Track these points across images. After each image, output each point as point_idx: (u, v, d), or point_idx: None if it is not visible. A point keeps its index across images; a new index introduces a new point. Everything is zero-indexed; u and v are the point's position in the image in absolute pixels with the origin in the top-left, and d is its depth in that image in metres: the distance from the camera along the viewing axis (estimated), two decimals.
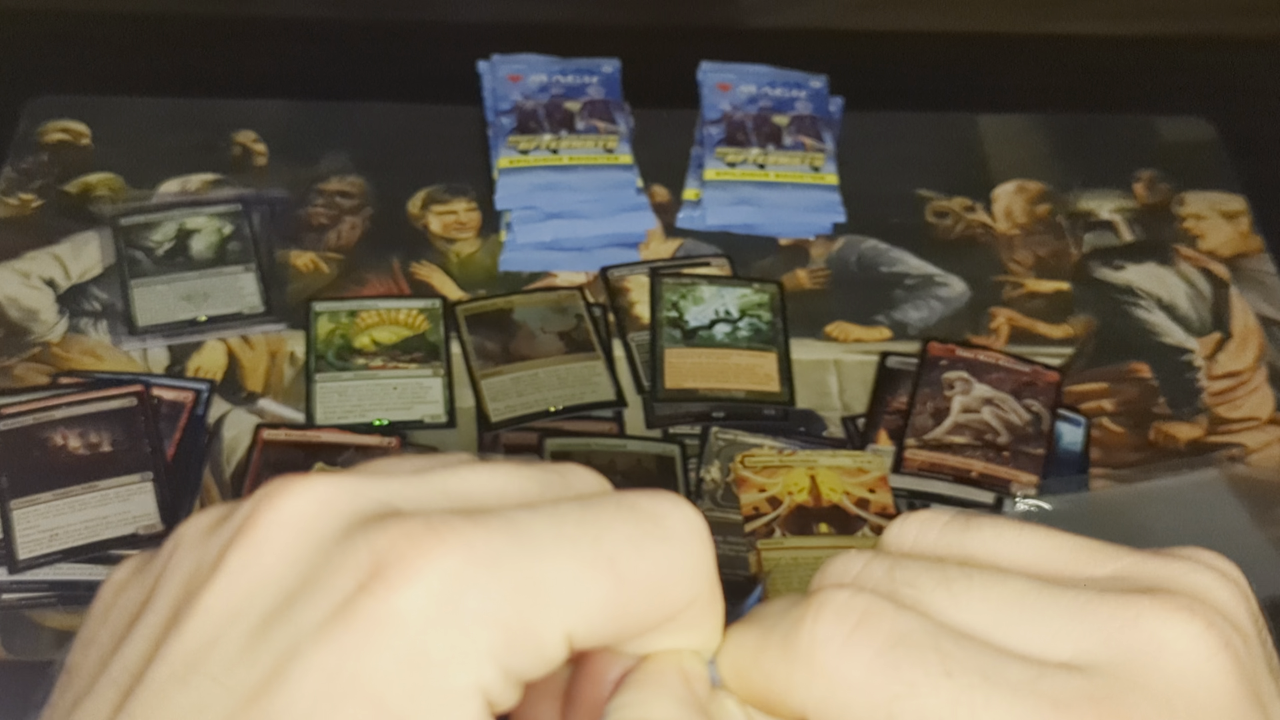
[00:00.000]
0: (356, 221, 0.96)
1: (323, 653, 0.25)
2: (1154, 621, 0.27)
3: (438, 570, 0.25)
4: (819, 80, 1.04)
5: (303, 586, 0.26)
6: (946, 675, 0.25)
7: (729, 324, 0.90)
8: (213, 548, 0.27)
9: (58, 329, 0.89)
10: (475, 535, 0.26)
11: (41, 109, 1.02)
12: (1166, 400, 0.89)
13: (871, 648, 0.26)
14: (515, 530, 0.26)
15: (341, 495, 0.27)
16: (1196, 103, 1.07)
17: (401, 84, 1.06)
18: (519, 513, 0.27)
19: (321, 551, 0.26)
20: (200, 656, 0.26)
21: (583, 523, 0.27)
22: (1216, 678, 0.26)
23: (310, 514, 0.27)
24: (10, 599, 0.76)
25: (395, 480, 0.28)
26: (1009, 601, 0.27)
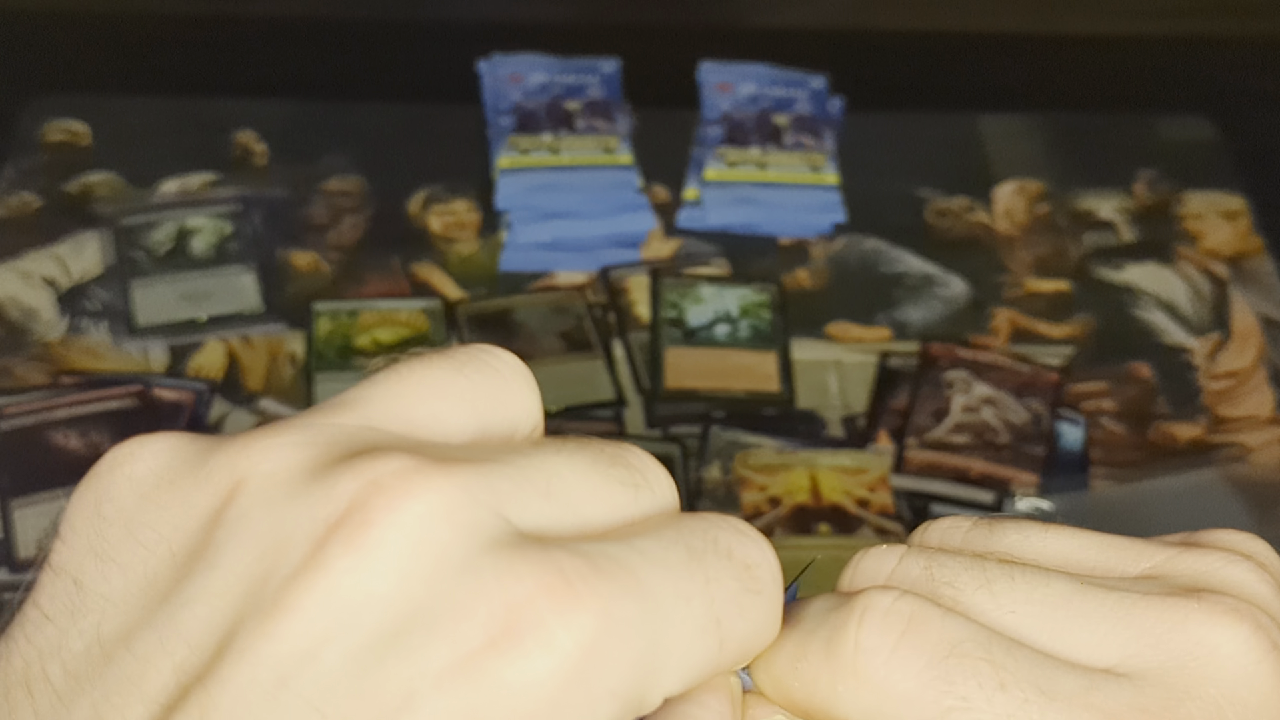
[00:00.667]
0: (356, 221, 0.96)
1: (442, 705, 0.22)
2: (1201, 627, 0.26)
3: (575, 638, 0.22)
4: (819, 80, 1.04)
5: (419, 619, 0.23)
6: (1001, 688, 0.25)
7: (729, 324, 0.90)
8: (304, 524, 0.23)
9: (58, 329, 0.89)
10: (612, 598, 0.23)
11: (41, 109, 1.02)
12: (1166, 400, 0.89)
13: (922, 658, 0.25)
14: (643, 591, 0.24)
15: (468, 506, 0.24)
16: (1196, 103, 1.07)
17: (401, 84, 1.06)
18: (641, 563, 0.24)
19: (444, 579, 0.23)
20: (293, 669, 0.22)
21: (694, 577, 0.25)
22: (1267, 681, 0.25)
23: (433, 525, 0.23)
24: (10, 599, 0.76)
25: (512, 483, 0.25)
26: (1052, 604, 0.26)
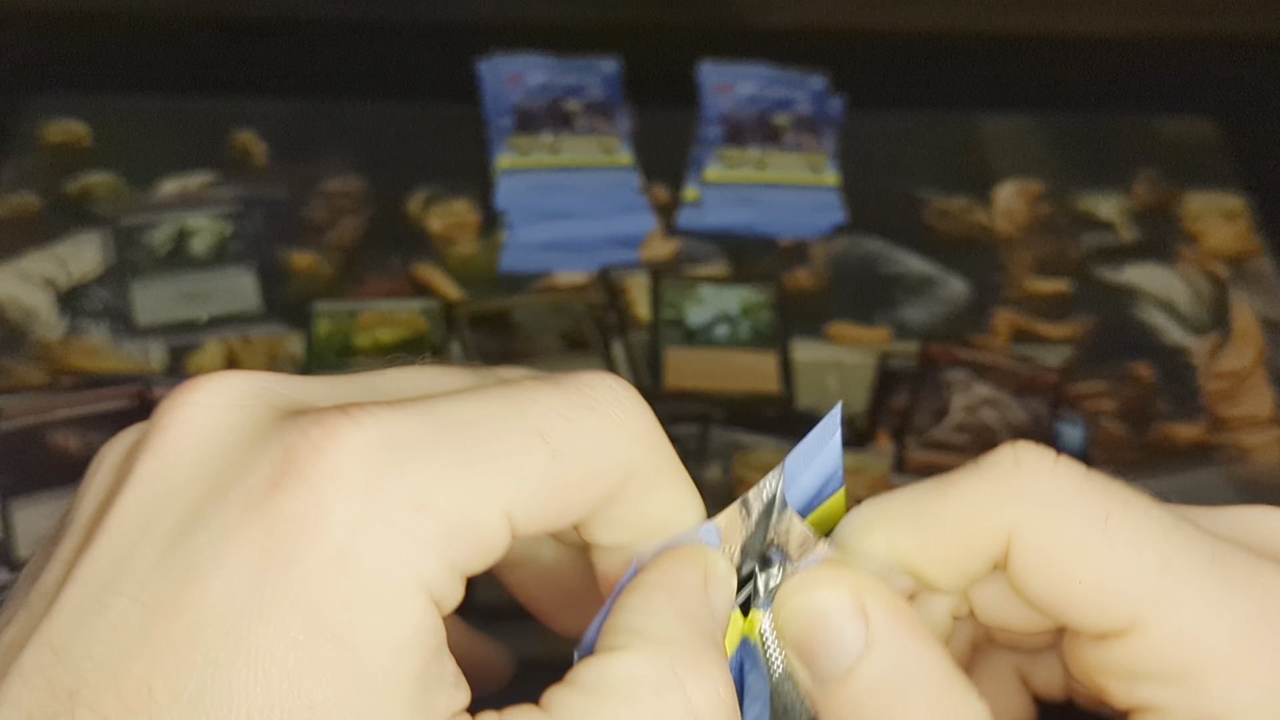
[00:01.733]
0: (356, 221, 0.96)
1: (238, 559, 0.23)
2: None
3: (356, 459, 0.23)
4: (819, 80, 1.04)
5: (216, 492, 0.24)
6: (1160, 505, 0.26)
7: (729, 324, 0.90)
8: (119, 451, 0.26)
9: (57, 329, 0.89)
10: (394, 420, 0.24)
11: (41, 109, 1.02)
12: (1166, 400, 0.89)
13: (1079, 474, 0.27)
14: (436, 411, 0.25)
15: (253, 389, 0.25)
16: (1197, 102, 1.07)
17: (401, 84, 1.06)
18: (442, 397, 0.25)
19: (234, 451, 0.24)
20: (114, 573, 0.24)
21: (507, 399, 0.25)
22: None
23: (220, 410, 0.25)
24: None
25: (314, 379, 0.26)
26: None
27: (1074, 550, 0.26)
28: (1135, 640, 0.26)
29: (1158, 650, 0.26)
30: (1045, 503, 0.27)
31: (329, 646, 0.23)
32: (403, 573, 0.23)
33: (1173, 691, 0.26)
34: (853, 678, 0.26)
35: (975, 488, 0.28)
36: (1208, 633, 0.25)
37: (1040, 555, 0.26)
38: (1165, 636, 0.26)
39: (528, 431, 0.25)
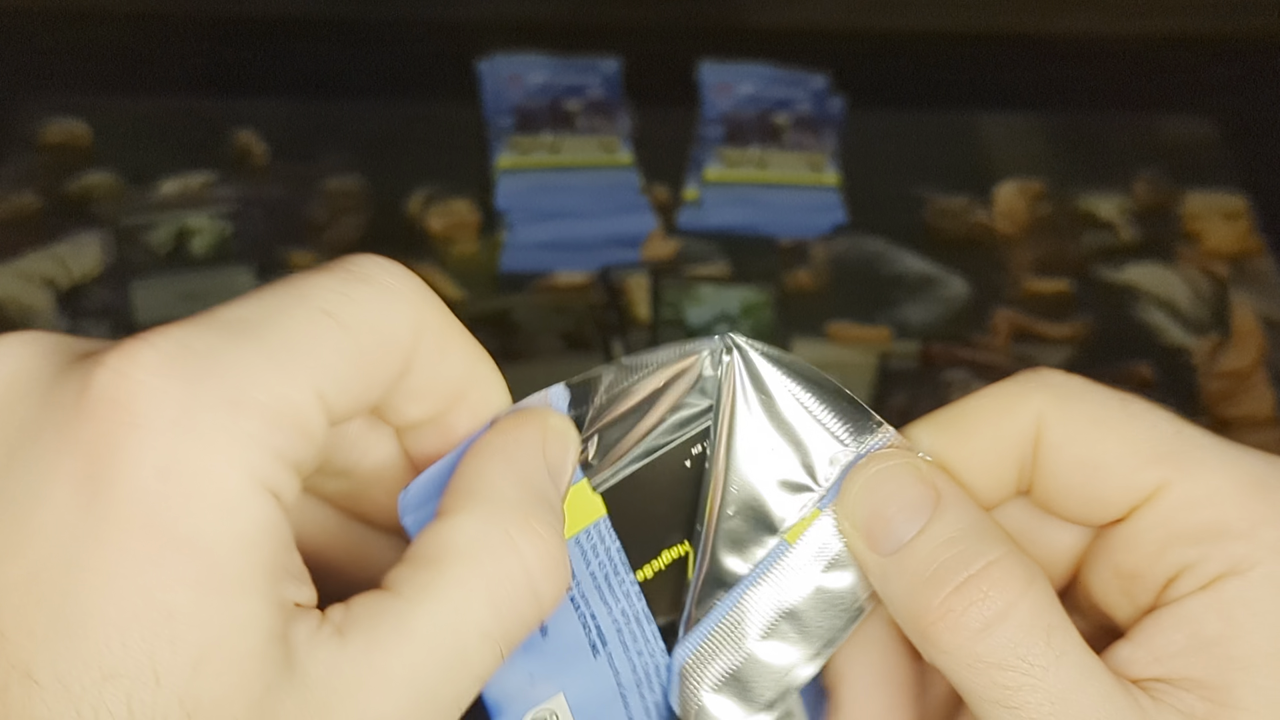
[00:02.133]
0: (356, 221, 0.96)
1: (63, 488, 0.23)
2: None
3: (159, 371, 0.24)
4: (819, 80, 1.04)
5: (24, 430, 0.24)
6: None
7: (729, 324, 0.90)
8: None
9: (58, 329, 0.89)
10: (185, 331, 0.25)
11: (41, 109, 1.02)
12: (1166, 400, 0.89)
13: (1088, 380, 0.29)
14: (223, 316, 0.25)
15: (48, 341, 0.26)
16: (1197, 102, 1.07)
17: (401, 83, 1.06)
18: (223, 306, 0.26)
19: (36, 391, 0.24)
20: None
21: (285, 292, 0.26)
22: None
23: (17, 358, 0.25)
24: None
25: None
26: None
27: (1099, 425, 0.29)
28: (1163, 502, 0.28)
29: (1185, 506, 0.27)
30: (1068, 391, 0.29)
31: (174, 553, 0.23)
32: (233, 470, 0.24)
33: (1201, 547, 0.27)
34: (924, 537, 0.28)
35: (1004, 388, 0.30)
36: (1227, 485, 0.27)
37: (1069, 433, 0.28)
38: (1190, 492, 0.27)
39: (313, 313, 0.26)
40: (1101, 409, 0.29)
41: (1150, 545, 0.28)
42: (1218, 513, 0.27)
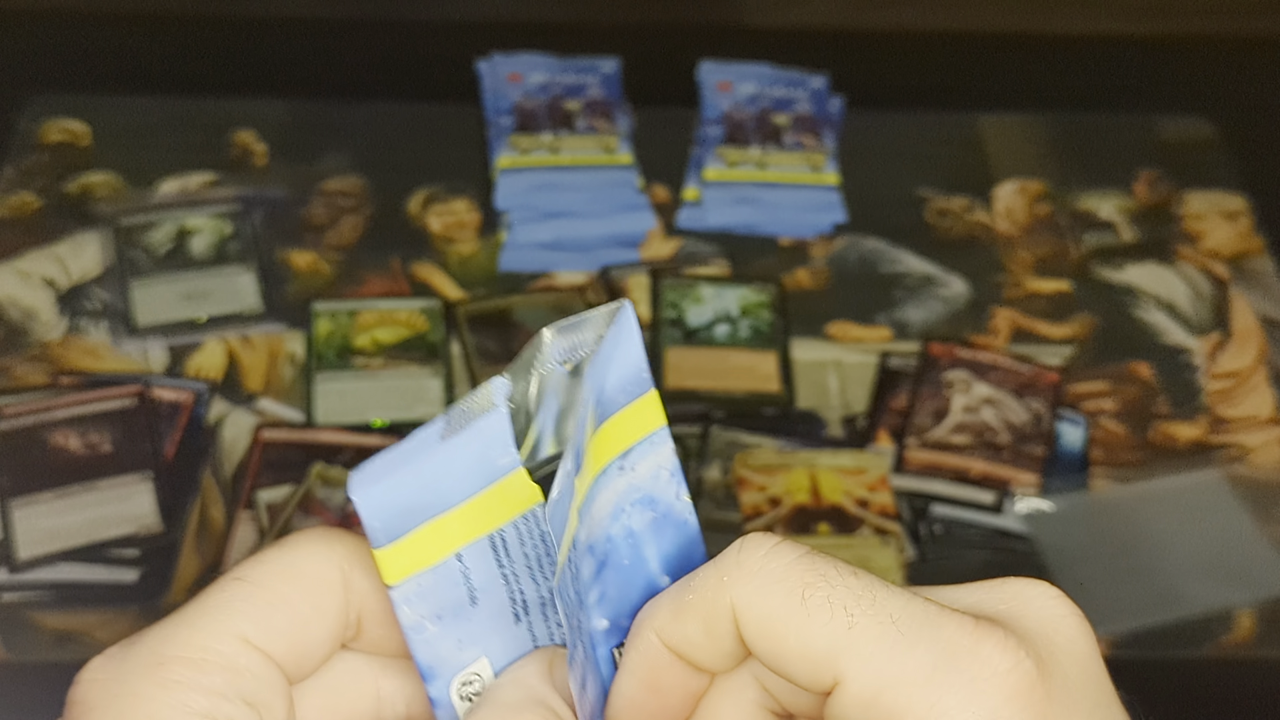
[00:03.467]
0: (356, 221, 0.96)
1: None
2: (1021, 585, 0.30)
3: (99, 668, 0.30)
4: (819, 80, 1.04)
5: None
6: (854, 574, 0.30)
7: (729, 324, 0.90)
8: None
9: (58, 329, 0.89)
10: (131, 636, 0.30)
11: (41, 109, 1.02)
12: (1166, 400, 0.89)
13: (791, 555, 0.30)
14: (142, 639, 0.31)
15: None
16: (1197, 102, 1.07)
17: (401, 84, 1.06)
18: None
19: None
20: None
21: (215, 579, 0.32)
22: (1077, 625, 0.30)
23: None
24: (10, 599, 0.76)
25: None
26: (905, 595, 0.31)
27: (779, 620, 0.30)
28: (840, 697, 0.29)
29: (858, 703, 0.29)
30: (757, 582, 0.30)
31: None
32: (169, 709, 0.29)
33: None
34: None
35: (707, 576, 0.31)
36: (894, 681, 0.28)
37: (756, 627, 0.30)
38: (860, 690, 0.29)
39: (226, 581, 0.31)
40: (781, 605, 0.30)
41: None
42: (886, 709, 0.29)
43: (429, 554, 0.30)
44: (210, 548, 0.79)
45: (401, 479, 0.30)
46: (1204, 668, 0.78)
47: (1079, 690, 0.29)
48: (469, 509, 0.30)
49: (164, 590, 0.77)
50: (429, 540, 0.30)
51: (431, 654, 0.31)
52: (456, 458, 0.30)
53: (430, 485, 0.30)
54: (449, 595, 0.31)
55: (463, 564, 0.30)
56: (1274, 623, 0.79)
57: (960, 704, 0.28)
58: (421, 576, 0.30)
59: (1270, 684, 0.78)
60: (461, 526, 0.30)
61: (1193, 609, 0.79)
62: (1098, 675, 0.30)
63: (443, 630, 0.31)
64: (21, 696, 0.73)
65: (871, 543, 0.79)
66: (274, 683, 0.30)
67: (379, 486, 0.30)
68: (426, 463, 0.30)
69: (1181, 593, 0.80)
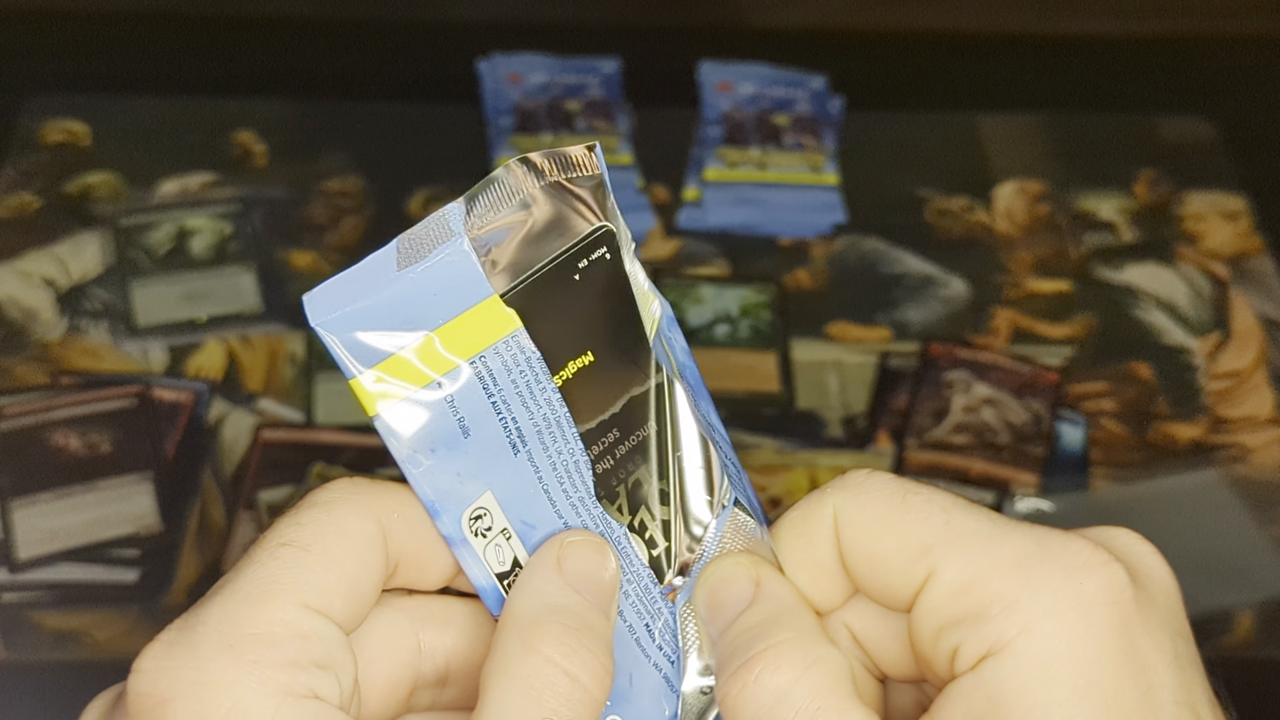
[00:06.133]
0: (356, 221, 0.96)
1: None
2: (1106, 528, 0.32)
3: (162, 656, 0.30)
4: (819, 80, 1.04)
5: None
6: (951, 493, 0.31)
7: (729, 324, 0.90)
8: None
9: (58, 329, 0.89)
10: (181, 616, 0.30)
11: (41, 109, 1.02)
12: (1166, 400, 0.89)
13: (889, 476, 0.32)
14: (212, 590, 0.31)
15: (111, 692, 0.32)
16: (1197, 102, 1.07)
17: (401, 84, 1.06)
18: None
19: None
20: None
21: (256, 542, 0.32)
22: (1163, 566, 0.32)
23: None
24: (10, 599, 0.76)
25: None
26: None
27: (878, 521, 0.31)
28: (933, 589, 0.30)
29: (950, 592, 0.30)
30: (858, 490, 0.31)
31: None
32: (256, 696, 0.28)
33: (964, 630, 0.29)
34: (735, 624, 0.31)
35: (811, 495, 0.32)
36: (986, 568, 0.29)
37: (854, 530, 0.31)
38: (953, 578, 0.29)
39: (272, 548, 0.31)
40: (882, 506, 0.31)
41: (928, 630, 0.30)
42: (976, 596, 0.29)
43: (407, 382, 0.30)
44: (210, 548, 0.79)
45: (364, 307, 0.30)
46: (1204, 667, 0.78)
47: (1164, 613, 0.30)
48: (440, 336, 0.30)
49: (164, 590, 0.77)
50: (404, 369, 0.30)
51: (432, 488, 0.31)
52: (420, 285, 0.30)
53: (397, 313, 0.30)
54: (438, 426, 0.30)
55: (445, 391, 0.30)
56: (1274, 623, 0.79)
57: (1052, 589, 0.29)
58: (403, 405, 0.30)
59: (1270, 684, 0.78)
60: (437, 354, 0.30)
61: (1193, 609, 0.79)
62: (1178, 607, 0.31)
63: (438, 463, 0.31)
64: (21, 696, 0.73)
65: None
66: (339, 642, 0.30)
67: (340, 315, 0.30)
68: (388, 290, 0.30)
69: (1182, 593, 0.80)
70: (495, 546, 0.31)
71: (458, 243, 0.30)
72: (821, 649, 0.30)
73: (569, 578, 0.31)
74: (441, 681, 0.33)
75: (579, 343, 0.31)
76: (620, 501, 0.32)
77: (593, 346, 0.32)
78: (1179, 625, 0.30)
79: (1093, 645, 0.28)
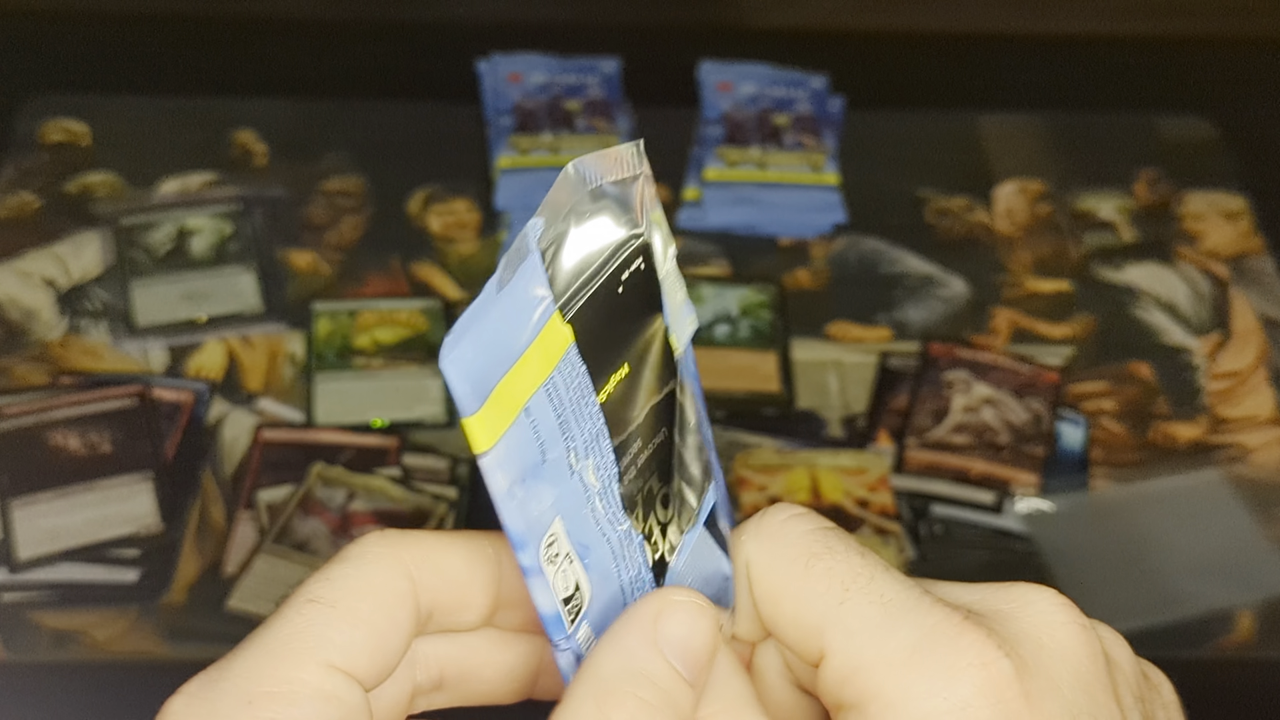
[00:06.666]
0: (356, 221, 0.96)
1: None
2: (1027, 589, 0.31)
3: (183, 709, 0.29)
4: (819, 80, 1.04)
5: None
6: (861, 554, 0.30)
7: (729, 324, 0.90)
8: None
9: (58, 329, 0.89)
10: (206, 670, 0.30)
11: (41, 109, 1.02)
12: (1166, 400, 0.89)
13: (808, 525, 0.31)
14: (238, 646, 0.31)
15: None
16: (1197, 102, 1.07)
17: (401, 84, 1.06)
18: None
19: None
20: None
21: (288, 599, 0.31)
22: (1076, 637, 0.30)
23: None
24: (10, 599, 0.76)
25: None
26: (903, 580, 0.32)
27: (780, 585, 0.30)
28: (825, 669, 0.30)
29: (837, 679, 0.30)
30: (769, 543, 0.31)
31: None
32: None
33: (853, 717, 0.30)
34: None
35: (735, 537, 0.32)
36: (870, 663, 0.29)
37: (762, 586, 0.31)
38: (840, 665, 0.29)
39: (300, 605, 0.30)
40: (786, 569, 0.31)
41: (827, 699, 0.30)
42: (859, 689, 0.29)
43: (506, 412, 0.29)
44: (210, 548, 0.79)
45: (475, 337, 0.29)
46: (1204, 668, 0.78)
47: (1067, 696, 0.29)
48: (528, 358, 0.29)
49: (164, 590, 0.77)
50: (503, 398, 0.29)
51: (522, 520, 0.30)
52: (509, 307, 0.29)
53: (496, 339, 0.29)
54: (527, 454, 0.30)
55: (531, 418, 0.30)
56: (1274, 623, 0.79)
57: (931, 690, 0.28)
58: (506, 437, 0.29)
59: (1270, 684, 0.78)
60: (524, 378, 0.30)
61: (1193, 609, 0.79)
62: (1092, 684, 0.29)
63: (527, 494, 0.30)
64: (21, 696, 0.73)
65: (872, 543, 0.79)
66: (359, 702, 0.30)
67: (459, 350, 0.28)
68: (489, 316, 0.29)
69: (1181, 593, 0.80)
70: (562, 573, 0.31)
71: (532, 259, 0.29)
72: (750, 718, 0.30)
73: (663, 642, 0.30)
74: (436, 687, 0.34)
75: (618, 355, 0.31)
76: (638, 510, 0.32)
77: (628, 359, 0.32)
78: (1086, 705, 0.29)
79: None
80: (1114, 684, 0.30)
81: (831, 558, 0.30)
